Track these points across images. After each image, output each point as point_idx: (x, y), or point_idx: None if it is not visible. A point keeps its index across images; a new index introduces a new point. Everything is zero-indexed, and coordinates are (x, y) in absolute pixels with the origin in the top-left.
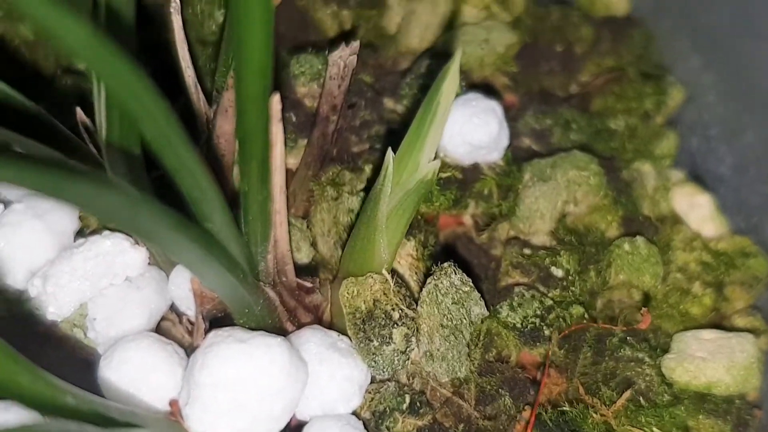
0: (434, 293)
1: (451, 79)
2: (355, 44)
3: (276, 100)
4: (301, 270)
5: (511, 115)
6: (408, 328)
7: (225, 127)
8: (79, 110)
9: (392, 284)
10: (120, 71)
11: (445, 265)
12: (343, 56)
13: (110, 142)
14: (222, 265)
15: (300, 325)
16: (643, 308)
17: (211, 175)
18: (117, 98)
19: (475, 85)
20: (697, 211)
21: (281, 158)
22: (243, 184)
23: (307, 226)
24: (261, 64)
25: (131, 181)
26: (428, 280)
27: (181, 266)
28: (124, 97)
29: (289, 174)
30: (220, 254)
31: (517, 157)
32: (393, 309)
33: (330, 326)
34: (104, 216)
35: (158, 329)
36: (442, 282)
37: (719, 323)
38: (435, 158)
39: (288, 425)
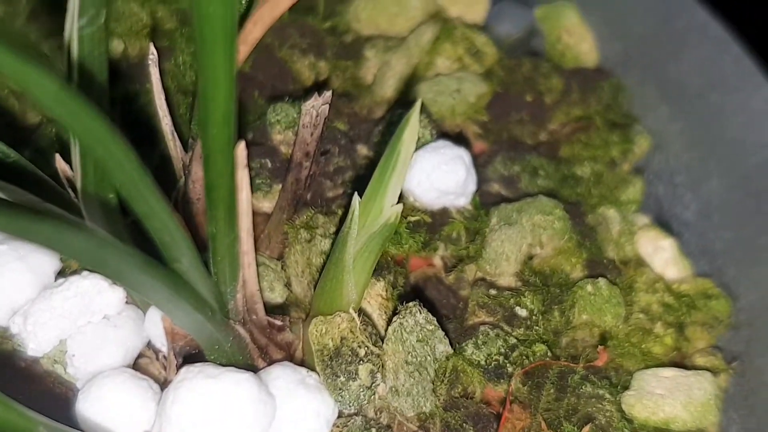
0: (399, 331)
1: (411, 128)
2: (328, 94)
3: (241, 148)
4: (275, 309)
5: (481, 162)
6: (374, 365)
7: (199, 173)
8: (58, 157)
9: (359, 322)
10: (87, 123)
11: (411, 304)
12: (316, 105)
13: (86, 190)
14: (190, 304)
15: (272, 362)
16: (600, 346)
17: (179, 219)
18: (88, 148)
19: (447, 133)
20: (661, 254)
21: (248, 203)
22: (211, 227)
23: (282, 267)
24: (225, 115)
25: (106, 225)
26: (394, 319)
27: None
28: (92, 146)
29: (265, 217)
30: (188, 294)
31: (485, 202)
32: (359, 346)
33: (302, 363)
34: (73, 256)
35: (135, 365)
36: (407, 320)
37: (680, 362)
38: (399, 202)
39: None
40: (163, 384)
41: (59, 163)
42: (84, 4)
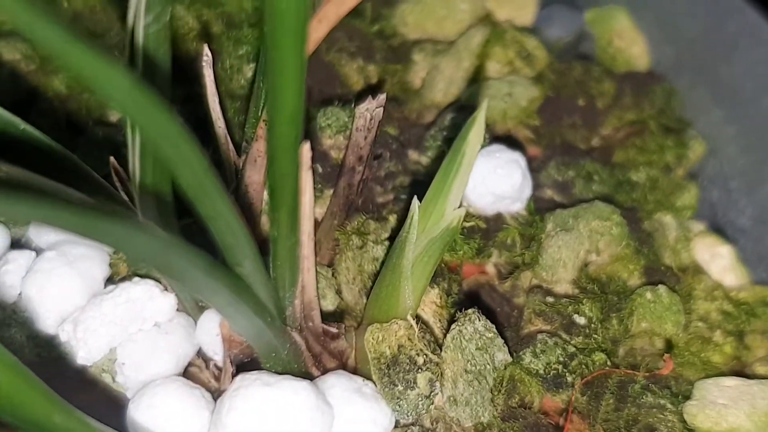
0: (458, 339)
1: (476, 129)
2: (382, 97)
3: (306, 149)
4: (326, 317)
5: (534, 167)
6: (432, 373)
7: (253, 177)
8: (112, 159)
9: (417, 330)
10: (159, 120)
11: (470, 311)
12: (370, 108)
13: (143, 189)
14: (251, 309)
15: (325, 371)
16: (665, 354)
17: (244, 221)
18: (153, 146)
19: (499, 137)
20: (718, 261)
21: (310, 205)
22: (272, 230)
23: (333, 274)
24: (293, 113)
25: (163, 227)
26: (452, 326)
27: (209, 313)
28: (161, 145)
29: (315, 223)
30: (249, 298)
31: (539, 208)
32: (417, 354)
33: (354, 372)
34: (137, 257)
35: (185, 374)
36: (466, 328)
37: (740, 371)
38: (459, 207)
39: None
40: (214, 393)
41: (113, 163)
42: (150, 2)
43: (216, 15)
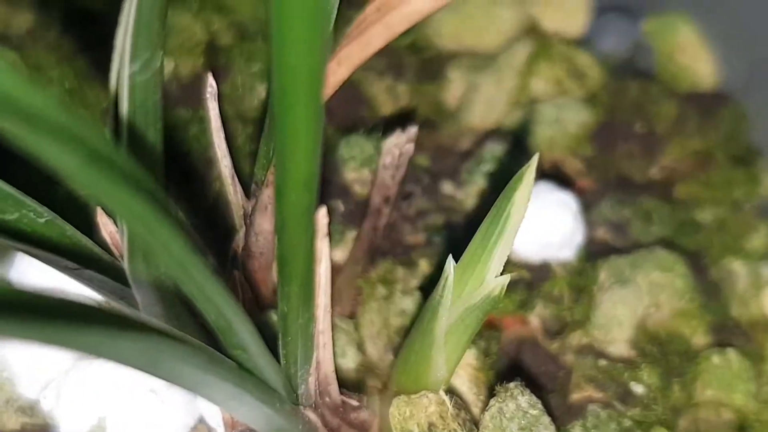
0: (498, 418)
1: (524, 187)
2: (413, 130)
3: (322, 215)
4: (346, 376)
5: (585, 204)
6: None
7: (264, 225)
8: (101, 216)
9: (450, 406)
10: (125, 201)
11: (511, 385)
12: (399, 143)
13: (134, 265)
14: (255, 397)
15: None
16: None
17: (238, 304)
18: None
19: (544, 169)
20: None
21: (327, 277)
22: (282, 305)
23: (355, 328)
24: (306, 179)
25: (160, 303)
26: (491, 402)
27: None
28: (133, 225)
29: (336, 269)
30: (253, 386)
31: (590, 252)
32: None
33: None
34: (120, 362)
35: None
36: (507, 405)
37: None
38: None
39: None
40: None
41: (104, 224)
42: (137, 47)
43: (227, 24)
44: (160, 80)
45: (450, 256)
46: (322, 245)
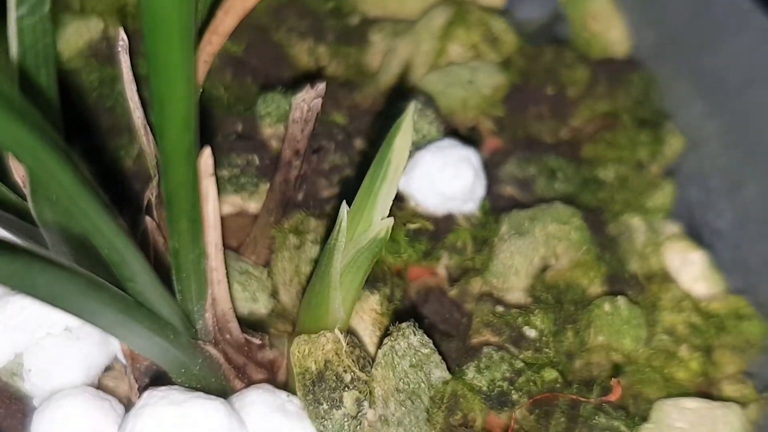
0: (390, 355)
1: (402, 134)
2: (321, 86)
3: (207, 154)
4: (259, 321)
5: (494, 162)
6: (360, 392)
7: None
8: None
9: (345, 344)
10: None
11: (403, 325)
12: (307, 99)
13: (36, 199)
14: (146, 327)
15: (251, 383)
16: (613, 378)
17: (129, 234)
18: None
19: (457, 129)
20: (690, 268)
21: (215, 215)
22: (173, 242)
23: (268, 275)
24: (184, 119)
25: (68, 247)
26: (384, 341)
27: None
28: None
29: (251, 219)
30: (143, 317)
31: (496, 206)
32: (345, 371)
33: (285, 385)
34: (27, 294)
35: (101, 381)
36: (399, 343)
37: (706, 390)
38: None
39: None
40: (129, 405)
41: (15, 168)
42: None
43: None
44: (50, 26)
45: (344, 201)
46: (209, 184)
